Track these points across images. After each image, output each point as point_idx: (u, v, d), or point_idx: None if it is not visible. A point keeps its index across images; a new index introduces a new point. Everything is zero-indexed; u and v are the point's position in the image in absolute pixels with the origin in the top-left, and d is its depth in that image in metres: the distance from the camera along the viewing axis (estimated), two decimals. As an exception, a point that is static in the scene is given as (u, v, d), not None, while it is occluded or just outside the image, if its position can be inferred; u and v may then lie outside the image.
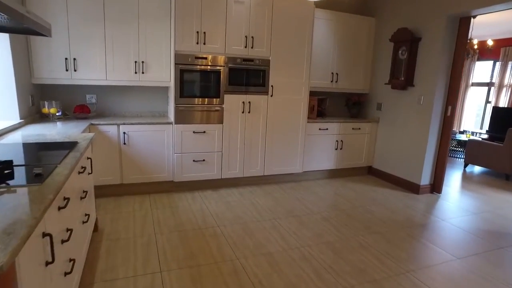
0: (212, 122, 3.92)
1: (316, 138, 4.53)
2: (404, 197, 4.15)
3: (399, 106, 4.52)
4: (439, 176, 4.29)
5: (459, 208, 3.87)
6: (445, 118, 4.16)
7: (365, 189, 4.38)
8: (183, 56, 3.66)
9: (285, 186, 4.34)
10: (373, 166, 5.03)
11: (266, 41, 3.97)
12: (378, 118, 4.88)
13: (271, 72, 4.05)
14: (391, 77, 4.49)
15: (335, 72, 4.70)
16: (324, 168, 4.70)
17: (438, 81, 4.00)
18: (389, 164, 4.72)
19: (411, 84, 4.28)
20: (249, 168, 4.21)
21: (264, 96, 4.09)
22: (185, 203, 3.62)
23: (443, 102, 4.13)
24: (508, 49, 7.85)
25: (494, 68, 8.33)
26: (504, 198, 4.35)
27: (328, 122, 4.55)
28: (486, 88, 8.56)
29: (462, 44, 3.96)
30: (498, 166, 5.26)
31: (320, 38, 4.50)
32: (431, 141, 4.17)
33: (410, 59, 4.21)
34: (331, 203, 3.82)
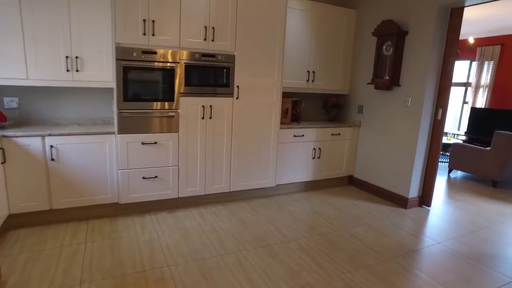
0: (165, 131, 3.23)
1: (291, 146, 3.94)
2: (391, 213, 3.63)
3: (383, 108, 4.01)
4: (429, 187, 3.81)
5: (453, 225, 3.39)
6: (435, 122, 3.68)
7: (347, 204, 3.83)
8: (127, 50, 2.96)
9: (255, 204, 3.72)
10: (354, 175, 4.50)
11: (230, 33, 3.33)
12: (359, 122, 4.36)
13: (236, 70, 3.42)
14: (374, 76, 3.96)
15: (312, 71, 4.13)
16: (300, 180, 4.12)
17: (427, 80, 3.50)
18: (372, 174, 4.20)
19: (396, 83, 3.77)
20: (212, 184, 3.56)
21: (229, 99, 3.45)
22: (131, 231, 2.92)
23: (433, 104, 3.64)
24: (484, 49, 7.61)
25: (470, 68, 8.09)
26: (497, 210, 3.93)
27: (304, 128, 3.97)
28: (463, 88, 8.31)
29: (453, 38, 3.48)
30: (484, 171, 4.88)
31: (295, 31, 3.91)
32: (420, 148, 3.68)
33: (396, 55, 3.70)
34: (309, 225, 3.23)
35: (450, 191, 4.58)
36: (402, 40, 3.70)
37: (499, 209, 3.98)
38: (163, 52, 3.09)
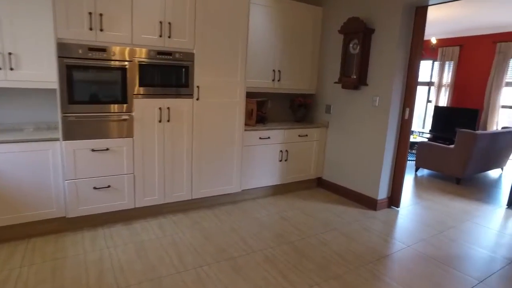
0: (118, 136, 2.94)
1: (256, 149, 3.75)
2: (360, 216, 3.53)
3: (351, 108, 3.91)
4: (397, 188, 3.75)
5: (422, 226, 3.34)
6: (403, 122, 3.62)
7: (316, 209, 3.69)
8: (70, 47, 2.64)
9: (220, 211, 3.50)
10: (323, 177, 4.38)
11: (189, 29, 3.08)
12: (327, 122, 4.24)
13: (196, 69, 3.18)
14: (342, 74, 3.85)
15: (277, 70, 3.96)
16: (267, 184, 3.94)
17: (394, 79, 3.43)
18: (342, 175, 4.09)
19: (364, 83, 3.68)
20: (172, 191, 3.30)
21: (188, 100, 3.20)
22: (79, 249, 2.61)
23: (400, 104, 3.58)
24: (445, 50, 7.81)
25: (433, 67, 8.28)
26: (461, 207, 3.94)
27: (270, 129, 3.79)
28: (427, 87, 8.50)
29: (418, 37, 3.43)
30: (449, 169, 4.93)
31: (259, 28, 3.72)
32: (389, 149, 3.60)
33: (363, 53, 3.60)
34: (276, 233, 3.05)
35: (418, 190, 4.57)
36: (369, 38, 3.61)
37: (463, 206, 4.00)
38: (114, 49, 2.80)
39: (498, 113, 7.05)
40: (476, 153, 4.74)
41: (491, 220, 3.65)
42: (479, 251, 2.91)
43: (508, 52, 6.83)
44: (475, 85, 7.36)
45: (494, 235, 3.26)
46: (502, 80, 6.92)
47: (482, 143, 4.75)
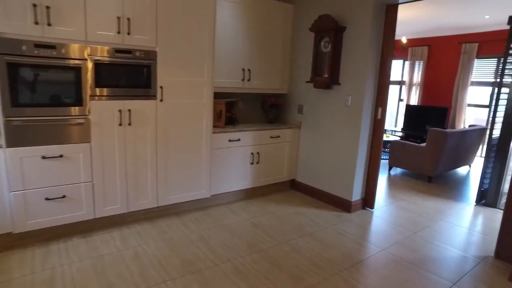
0: (73, 141, 2.69)
1: (226, 152, 3.58)
2: (335, 219, 3.43)
3: (324, 108, 3.81)
4: (371, 189, 3.69)
5: (396, 228, 3.28)
6: (376, 122, 3.56)
7: (289, 212, 3.56)
8: (12, 43, 2.37)
9: (188, 218, 3.30)
10: (296, 179, 4.27)
11: (150, 26, 2.87)
12: (300, 123, 4.13)
13: (159, 68, 2.97)
14: (314, 74, 3.75)
15: (247, 69, 3.80)
16: (238, 188, 3.78)
17: (367, 78, 3.36)
18: (315, 177, 3.99)
19: (336, 82, 3.59)
20: (136, 199, 3.07)
21: (151, 101, 2.99)
22: (26, 269, 2.34)
23: (373, 103, 3.51)
24: (414, 49, 7.94)
25: (404, 67, 8.41)
26: (434, 207, 3.94)
27: (240, 131, 3.63)
28: (398, 86, 8.61)
29: (390, 35, 3.37)
30: (421, 168, 4.95)
31: (227, 26, 3.55)
32: (362, 149, 3.53)
33: (335, 52, 3.51)
34: (247, 241, 2.90)
35: (392, 190, 4.55)
36: (340, 36, 3.52)
37: (436, 205, 4.00)
38: (65, 46, 2.54)
39: (465, 111, 7.22)
40: (446, 151, 4.78)
41: (462, 218, 3.65)
42: (452, 251, 2.87)
43: (472, 52, 7.01)
44: (444, 84, 7.52)
45: (465, 234, 3.25)
46: (468, 80, 7.10)
47: (452, 141, 4.80)
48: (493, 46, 6.76)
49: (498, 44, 6.66)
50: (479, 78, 7.10)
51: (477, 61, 7.07)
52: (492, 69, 6.93)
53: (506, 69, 3.82)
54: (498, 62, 6.81)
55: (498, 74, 6.82)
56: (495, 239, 3.08)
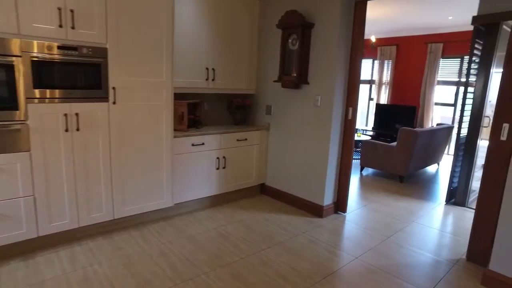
0: (7, 151, 2.35)
1: (189, 157, 3.33)
2: (306, 226, 3.27)
3: (293, 108, 3.64)
4: (343, 192, 3.56)
5: (369, 232, 3.16)
6: (346, 122, 3.43)
7: (258, 220, 3.36)
8: None
9: (149, 231, 3.03)
10: (266, 183, 4.08)
11: (99, 20, 2.58)
12: (268, 124, 3.94)
13: (111, 67, 2.68)
14: (281, 73, 3.57)
15: (211, 68, 3.57)
16: (204, 195, 3.53)
17: (336, 77, 3.21)
18: (285, 181, 3.82)
19: (305, 81, 3.42)
20: (89, 213, 2.77)
21: (103, 104, 2.69)
22: (-50, 301, 2.00)
23: (343, 103, 3.38)
24: (383, 49, 7.98)
25: (373, 66, 8.45)
26: (406, 208, 3.87)
27: (204, 135, 3.39)
28: (368, 85, 8.64)
29: (359, 33, 3.25)
30: (392, 168, 4.91)
31: (188, 22, 3.30)
32: (333, 151, 3.39)
33: (303, 50, 3.34)
34: (212, 254, 2.67)
35: (364, 192, 4.46)
36: (309, 33, 3.36)
37: (408, 206, 3.93)
38: (-5, 41, 2.21)
39: (432, 110, 7.33)
40: (417, 151, 4.76)
41: (433, 219, 3.60)
42: (425, 256, 2.77)
43: (437, 52, 7.12)
44: (412, 83, 7.60)
45: (437, 236, 3.18)
46: (434, 79, 7.20)
47: (422, 140, 4.78)
48: (457, 46, 6.89)
49: (461, 44, 6.79)
50: (444, 77, 7.22)
51: (443, 60, 7.19)
52: (456, 68, 7.07)
53: (472, 68, 3.80)
54: (462, 62, 6.95)
55: (461, 73, 6.97)
56: (466, 240, 3.02)
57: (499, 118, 2.41)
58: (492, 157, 2.48)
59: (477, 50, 3.77)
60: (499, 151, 2.43)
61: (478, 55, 3.79)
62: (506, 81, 2.37)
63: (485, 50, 3.77)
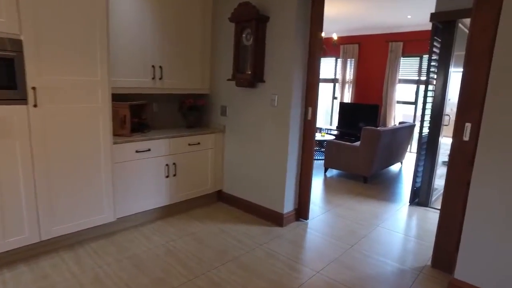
0: None
1: (134, 165, 2.97)
2: (265, 236, 3.01)
3: (249, 109, 3.37)
4: (305, 197, 3.33)
5: (333, 241, 2.95)
6: (306, 123, 3.20)
7: (212, 232, 3.06)
8: None
9: (85, 251, 2.64)
10: (223, 190, 3.78)
11: (7, 5, 2.16)
12: (223, 126, 3.64)
13: (28, 63, 2.27)
14: (235, 70, 3.28)
15: (158, 65, 3.22)
16: (152, 206, 3.18)
17: (293, 74, 2.97)
18: (243, 187, 3.54)
19: (260, 79, 3.16)
20: (4, 236, 2.34)
21: (20, 107, 2.28)
22: None
23: (302, 103, 3.15)
24: (346, 47, 7.92)
25: (336, 64, 8.38)
26: (370, 211, 3.72)
27: (150, 140, 3.04)
28: (332, 84, 8.57)
29: (317, 28, 3.03)
30: (356, 168, 4.77)
31: (129, 13, 2.94)
32: (292, 154, 3.15)
33: (257, 45, 3.07)
34: (156, 277, 2.33)
35: (327, 195, 4.27)
36: (263, 28, 3.10)
37: (372, 209, 3.78)
38: None
39: (394, 108, 7.34)
40: (380, 150, 4.65)
41: (397, 222, 3.46)
42: (390, 265, 2.60)
43: (398, 51, 7.14)
44: (374, 82, 7.59)
45: (401, 241, 3.03)
46: (395, 77, 7.22)
47: (385, 139, 4.68)
48: (416, 45, 6.93)
49: (420, 43, 6.83)
50: (405, 76, 7.26)
51: (403, 59, 7.22)
52: (416, 67, 7.12)
53: (432, 66, 3.71)
54: (421, 61, 7.01)
55: (421, 72, 7.03)
56: (431, 244, 2.89)
57: (461, 117, 2.26)
58: (455, 158, 2.33)
59: (436, 48, 3.68)
60: (462, 152, 2.29)
61: (437, 53, 3.71)
62: (467, 80, 2.23)
63: (443, 48, 3.69)
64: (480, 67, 2.14)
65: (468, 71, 2.18)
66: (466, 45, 2.20)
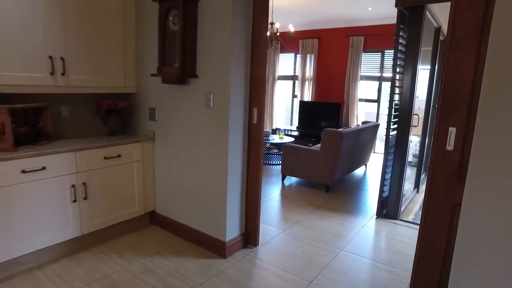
0: None
1: (21, 190, 2.20)
2: (201, 275, 2.35)
3: (180, 112, 2.70)
4: (253, 218, 2.71)
5: (286, 275, 2.35)
6: (251, 128, 2.58)
7: (133, 271, 2.36)
8: None
9: None
10: (156, 211, 3.08)
11: None
12: (153, 133, 2.94)
13: None
14: (161, 63, 2.59)
15: (59, 57, 2.46)
16: (54, 241, 2.42)
17: (233, 68, 2.34)
18: (178, 208, 2.87)
19: (192, 74, 2.49)
20: None
21: None
22: None
23: (245, 103, 2.52)
24: (305, 42, 7.43)
25: (296, 61, 7.87)
26: (333, 229, 3.18)
27: (45, 155, 2.28)
28: (291, 81, 8.05)
29: (261, 13, 2.41)
30: (317, 176, 4.23)
31: (7, -16, 2.16)
32: (234, 167, 2.52)
33: (186, 31, 2.41)
34: None
35: (284, 209, 3.69)
36: (194, 9, 2.43)
37: (335, 226, 3.25)
38: None
39: (357, 107, 6.94)
40: (343, 154, 4.14)
41: (365, 242, 2.94)
42: (358, 309, 2.04)
43: (359, 46, 6.74)
44: (335, 79, 7.15)
45: (370, 270, 2.50)
46: (357, 74, 6.82)
47: (348, 142, 4.18)
48: (378, 40, 6.56)
49: (382, 38, 6.47)
50: (367, 72, 6.88)
51: (365, 55, 6.84)
52: (378, 63, 6.76)
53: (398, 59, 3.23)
54: (383, 56, 6.65)
55: (383, 68, 6.67)
56: (404, 272, 2.38)
57: (443, 120, 1.73)
58: (437, 172, 1.80)
59: (402, 39, 3.21)
60: (445, 165, 1.76)
61: (403, 44, 3.24)
62: (450, 72, 1.69)
63: (411, 40, 3.25)
64: (467, 53, 1.62)
65: (452, 59, 1.65)
66: (448, 27, 1.68)
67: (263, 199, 3.92)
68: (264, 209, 3.57)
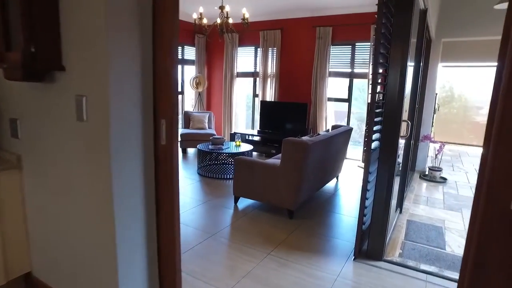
0: None
1: None
2: None
3: (46, 127, 1.68)
4: (170, 276, 1.75)
5: None
6: (160, 151, 1.60)
7: None
8: None
9: None
10: (33, 273, 2.04)
11: None
12: (17, 158, 1.90)
13: None
14: (4, 46, 1.56)
15: None
16: None
17: (114, 54, 1.35)
18: (59, 269, 1.85)
19: (53, 64, 1.47)
20: None
21: None
22: None
23: (145, 111, 1.54)
24: (266, 33, 6.52)
25: (256, 55, 6.94)
26: (295, 285, 2.28)
27: None
28: (252, 79, 7.13)
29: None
30: (277, 199, 3.32)
31: None
32: (129, 218, 1.54)
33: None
34: None
35: (231, 250, 2.75)
36: (52, -46, 1.42)
37: (298, 282, 2.34)
38: None
39: (326, 107, 6.12)
40: (310, 170, 3.26)
41: (341, 305, 2.06)
42: None
43: (327, 37, 5.91)
44: (301, 75, 6.29)
45: None
46: (325, 70, 6.00)
47: (316, 153, 3.30)
48: (348, 31, 5.76)
49: (352, 29, 5.68)
50: (336, 68, 6.08)
51: (333, 48, 6.02)
52: (348, 57, 5.97)
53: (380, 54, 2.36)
54: (353, 50, 5.87)
55: (354, 63, 5.90)
56: None
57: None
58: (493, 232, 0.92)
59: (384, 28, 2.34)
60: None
61: (386, 33, 2.39)
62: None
63: (398, 28, 2.40)
64: None
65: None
66: None
67: (207, 233, 2.96)
68: (203, 252, 2.62)
